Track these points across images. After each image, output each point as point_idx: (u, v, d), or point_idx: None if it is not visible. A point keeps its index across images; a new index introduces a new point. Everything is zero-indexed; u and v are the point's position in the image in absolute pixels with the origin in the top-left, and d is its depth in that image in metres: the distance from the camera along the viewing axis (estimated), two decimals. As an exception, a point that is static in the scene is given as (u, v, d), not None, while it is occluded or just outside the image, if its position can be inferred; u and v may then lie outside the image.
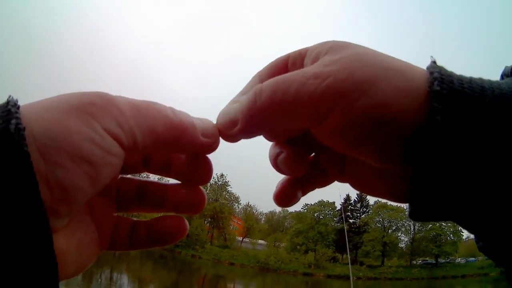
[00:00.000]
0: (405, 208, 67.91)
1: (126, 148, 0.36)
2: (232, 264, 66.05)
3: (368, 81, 0.33)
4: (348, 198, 78.40)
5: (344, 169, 0.49)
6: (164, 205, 0.47)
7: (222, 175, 76.53)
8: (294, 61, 0.45)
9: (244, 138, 0.42)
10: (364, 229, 69.79)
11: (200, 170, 0.46)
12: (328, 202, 75.03)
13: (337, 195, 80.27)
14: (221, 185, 76.02)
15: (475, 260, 67.96)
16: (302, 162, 0.47)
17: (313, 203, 74.63)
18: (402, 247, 70.21)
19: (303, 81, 0.36)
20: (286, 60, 0.46)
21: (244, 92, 0.46)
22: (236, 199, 78.02)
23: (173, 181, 0.45)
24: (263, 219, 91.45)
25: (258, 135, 0.43)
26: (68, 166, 0.31)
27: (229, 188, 76.45)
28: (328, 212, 74.85)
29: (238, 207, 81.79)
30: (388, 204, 68.24)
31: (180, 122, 0.41)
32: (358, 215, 76.03)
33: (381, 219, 68.75)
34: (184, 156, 0.47)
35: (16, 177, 0.29)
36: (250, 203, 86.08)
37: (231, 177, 77.26)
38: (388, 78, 0.33)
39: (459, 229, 61.52)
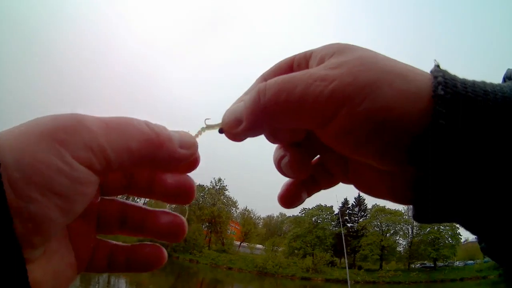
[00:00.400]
0: (403, 212, 67.89)
1: (100, 171, 0.35)
2: (230, 269, 65.84)
3: (371, 85, 0.34)
4: (346, 202, 78.38)
5: (348, 171, 0.49)
6: (143, 231, 0.46)
7: (220, 180, 76.34)
8: (300, 63, 0.45)
9: (249, 137, 0.42)
10: (362, 233, 69.73)
11: (182, 190, 0.46)
12: (326, 206, 75.02)
13: (335, 199, 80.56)
14: (219, 190, 75.88)
15: (474, 263, 68.02)
16: (306, 166, 0.47)
17: (311, 208, 74.53)
18: (400, 251, 70.14)
19: (309, 83, 0.36)
20: (291, 62, 0.46)
21: (249, 92, 0.46)
22: (234, 204, 77.81)
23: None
24: (261, 224, 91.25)
25: (262, 133, 0.42)
26: (39, 200, 0.31)
27: (227, 193, 76.37)
28: (326, 216, 74.81)
29: (236, 212, 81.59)
30: (386, 208, 68.27)
31: (156, 136, 0.40)
32: (356, 219, 76.00)
33: (379, 223, 68.69)
34: (167, 176, 0.46)
35: None
36: (248, 208, 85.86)
37: (229, 182, 77.21)
38: (391, 82, 0.33)
39: (457, 232, 61.63)
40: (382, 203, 71.65)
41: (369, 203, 75.84)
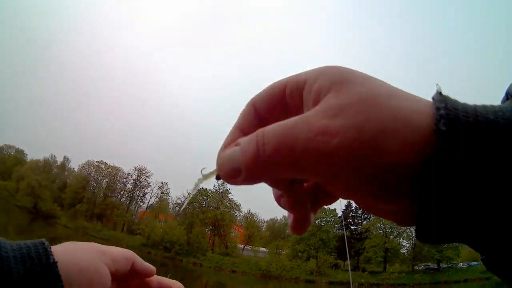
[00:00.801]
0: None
1: (112, 274, 0.51)
2: (234, 272, 65.70)
3: (377, 138, 0.33)
4: (349, 205, 78.12)
5: (348, 195, 0.47)
6: None
7: (223, 183, 75.68)
8: (292, 92, 0.43)
9: (248, 185, 0.43)
10: (366, 236, 69.65)
11: None
12: (329, 209, 74.68)
13: (338, 202, 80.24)
14: (222, 193, 75.79)
15: (477, 264, 67.70)
16: (303, 206, 0.45)
17: (314, 211, 74.40)
18: (404, 253, 69.98)
19: (310, 138, 0.35)
20: (283, 88, 0.43)
21: (240, 126, 0.46)
22: (237, 207, 77.73)
23: None
24: (265, 227, 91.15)
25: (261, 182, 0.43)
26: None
27: (230, 196, 76.12)
28: (330, 219, 74.74)
29: (239, 215, 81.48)
30: (390, 210, 68.24)
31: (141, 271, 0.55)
32: (360, 222, 75.88)
33: (383, 225, 68.53)
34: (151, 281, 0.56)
35: None
36: (251, 211, 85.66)
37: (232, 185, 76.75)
38: (396, 131, 0.32)
39: (461, 235, 61.52)
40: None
41: (373, 205, 75.72)
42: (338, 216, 76.31)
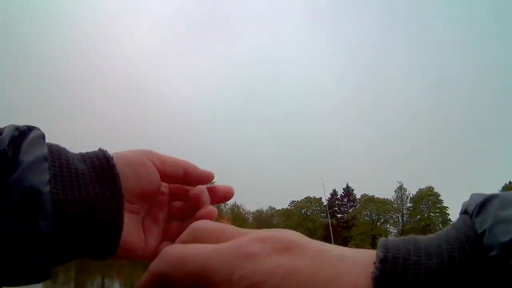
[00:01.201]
0: (393, 201, 68.64)
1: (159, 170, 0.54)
2: (223, 265, 65.68)
3: None
4: (335, 193, 78.83)
5: None
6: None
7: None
8: None
9: None
10: (353, 223, 70.36)
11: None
12: (315, 198, 75.42)
13: (323, 191, 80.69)
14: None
15: None
16: None
17: (300, 200, 74.76)
18: (392, 239, 70.94)
19: None
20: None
21: None
22: (223, 199, 77.56)
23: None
24: (251, 218, 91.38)
25: None
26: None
27: (216, 188, 75.91)
28: (315, 208, 75.31)
29: (225, 208, 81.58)
30: (375, 197, 68.99)
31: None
32: (346, 210, 76.52)
33: (369, 212, 69.33)
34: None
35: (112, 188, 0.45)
36: (237, 203, 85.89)
37: (216, 177, 76.41)
38: None
39: (448, 218, 62.28)
40: (371, 193, 72.32)
41: (358, 193, 76.32)
42: (324, 205, 76.81)
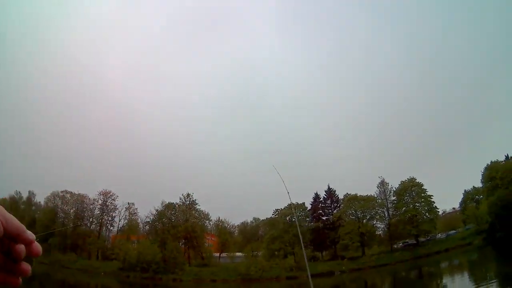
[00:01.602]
0: (376, 196, 69.72)
1: None
2: (214, 281, 65.09)
3: None
4: (317, 197, 79.39)
5: None
6: None
7: (189, 195, 75.46)
8: None
9: None
10: (339, 224, 70.95)
11: None
12: (298, 204, 75.53)
13: (306, 195, 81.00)
14: (189, 205, 75.12)
15: (456, 233, 70.71)
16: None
17: (283, 208, 74.87)
18: (380, 234, 71.93)
19: None
20: None
21: None
22: (206, 216, 77.52)
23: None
24: (236, 232, 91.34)
25: None
26: None
27: (198, 207, 75.77)
28: (300, 214, 75.39)
29: (210, 224, 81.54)
30: (358, 195, 69.78)
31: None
32: (330, 211, 77.17)
33: (354, 211, 70.00)
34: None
35: None
36: (221, 218, 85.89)
37: (198, 195, 76.41)
38: None
39: (434, 206, 63.78)
40: (353, 191, 73.27)
41: (340, 193, 77.09)
42: (308, 210, 77.34)
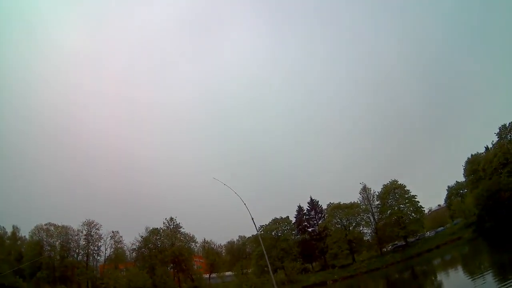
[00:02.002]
0: (360, 202, 70.94)
1: None
2: (206, 303, 64.83)
3: None
4: (301, 209, 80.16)
5: None
6: None
7: (172, 219, 75.22)
8: None
9: None
10: (326, 234, 71.78)
11: None
12: (282, 218, 76.27)
13: (289, 209, 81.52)
14: (173, 229, 74.80)
15: (444, 229, 72.45)
16: None
17: (268, 223, 75.37)
18: (368, 239, 72.97)
19: None
20: None
21: None
22: (192, 239, 77.03)
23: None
24: (224, 251, 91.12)
25: None
26: None
27: (182, 230, 75.42)
28: (285, 228, 76.04)
29: (196, 246, 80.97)
30: (342, 204, 70.87)
31: None
32: (315, 222, 78.01)
33: (339, 219, 71.02)
34: None
35: None
36: (207, 239, 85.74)
37: (181, 219, 76.27)
38: None
39: (419, 206, 65.27)
40: (336, 200, 74.32)
41: (324, 203, 78.09)
42: (293, 223, 77.94)
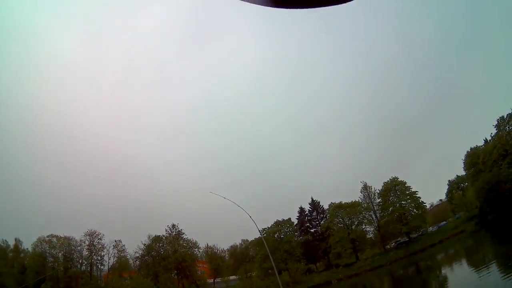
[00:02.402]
0: (361, 201, 70.92)
1: None
2: (212, 308, 64.67)
3: None
4: (302, 210, 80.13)
5: None
6: None
7: (174, 225, 75.21)
8: None
9: None
10: (328, 234, 71.64)
11: None
12: (284, 220, 76.12)
13: (290, 211, 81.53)
14: (176, 235, 74.73)
15: (446, 223, 72.38)
16: None
17: (270, 226, 75.26)
18: (371, 237, 72.91)
19: None
20: None
21: None
22: (195, 244, 77.06)
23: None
24: (227, 255, 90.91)
25: None
26: None
27: (185, 236, 75.33)
28: (287, 229, 75.90)
29: (199, 251, 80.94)
30: (343, 203, 70.77)
31: None
32: (318, 223, 77.89)
33: (341, 219, 70.94)
34: None
35: None
36: (209, 244, 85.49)
37: (183, 225, 76.24)
38: None
39: (421, 202, 65.29)
40: (337, 200, 74.27)
41: (325, 203, 77.98)
42: (295, 224, 77.89)
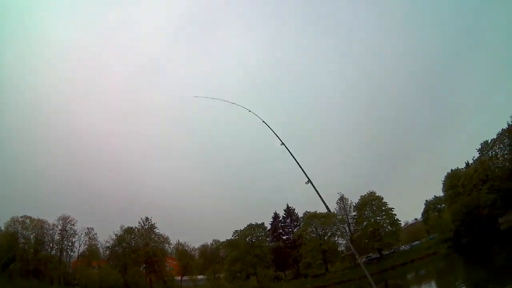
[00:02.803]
0: (336, 213, 71.39)
1: None
2: (177, 305, 64.41)
3: None
4: (277, 216, 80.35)
5: None
6: None
7: (147, 219, 74.51)
8: None
9: None
10: (300, 242, 71.73)
11: None
12: (257, 224, 76.12)
13: (264, 216, 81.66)
14: (148, 229, 74.11)
15: (420, 243, 73.24)
16: None
17: (243, 228, 75.28)
18: (342, 250, 73.32)
19: None
20: None
21: None
22: (166, 240, 76.45)
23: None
24: (197, 254, 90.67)
25: None
26: None
27: (157, 230, 74.71)
28: (260, 234, 75.87)
29: (170, 247, 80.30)
30: (318, 213, 71.09)
31: None
32: (291, 230, 78.19)
33: (315, 228, 71.17)
34: None
35: None
36: (181, 241, 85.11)
37: (156, 219, 75.73)
38: None
39: (396, 219, 66.01)
40: (313, 209, 74.59)
41: (300, 211, 78.26)
42: (268, 229, 78.01)
